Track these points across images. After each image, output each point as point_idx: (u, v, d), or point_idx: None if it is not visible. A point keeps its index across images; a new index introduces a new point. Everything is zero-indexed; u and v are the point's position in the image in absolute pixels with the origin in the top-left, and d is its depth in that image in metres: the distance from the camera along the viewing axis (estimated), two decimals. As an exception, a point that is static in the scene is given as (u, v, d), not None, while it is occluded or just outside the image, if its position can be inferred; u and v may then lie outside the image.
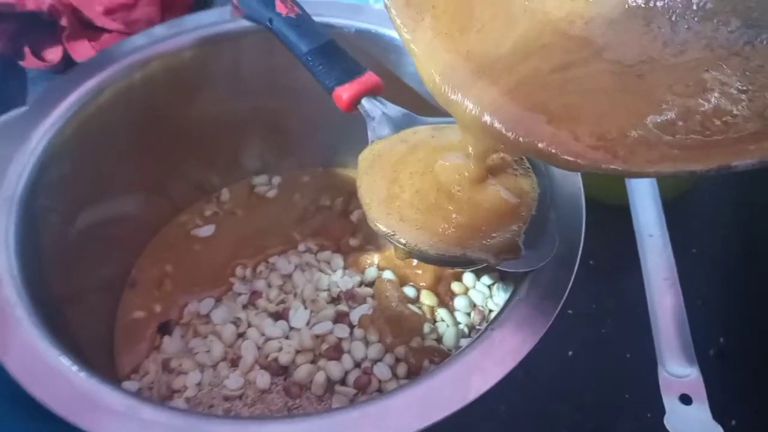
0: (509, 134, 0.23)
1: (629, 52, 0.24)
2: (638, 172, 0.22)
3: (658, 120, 0.22)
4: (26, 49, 0.58)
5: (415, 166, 0.33)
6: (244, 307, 0.41)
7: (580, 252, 0.31)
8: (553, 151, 0.22)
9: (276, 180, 0.50)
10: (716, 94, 0.22)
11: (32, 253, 0.32)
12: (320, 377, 0.36)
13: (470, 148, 0.29)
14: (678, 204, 0.40)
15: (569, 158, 0.22)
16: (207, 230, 0.46)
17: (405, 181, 0.33)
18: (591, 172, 0.22)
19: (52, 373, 0.26)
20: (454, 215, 0.31)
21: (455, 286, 0.41)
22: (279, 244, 0.45)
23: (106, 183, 0.40)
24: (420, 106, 0.40)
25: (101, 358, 0.38)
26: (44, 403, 0.25)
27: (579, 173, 0.34)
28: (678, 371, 0.33)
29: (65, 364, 0.26)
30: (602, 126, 0.22)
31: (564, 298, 0.29)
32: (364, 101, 0.35)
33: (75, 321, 0.34)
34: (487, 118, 0.24)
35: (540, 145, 0.23)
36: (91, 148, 0.37)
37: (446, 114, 0.39)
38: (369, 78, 0.36)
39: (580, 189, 0.33)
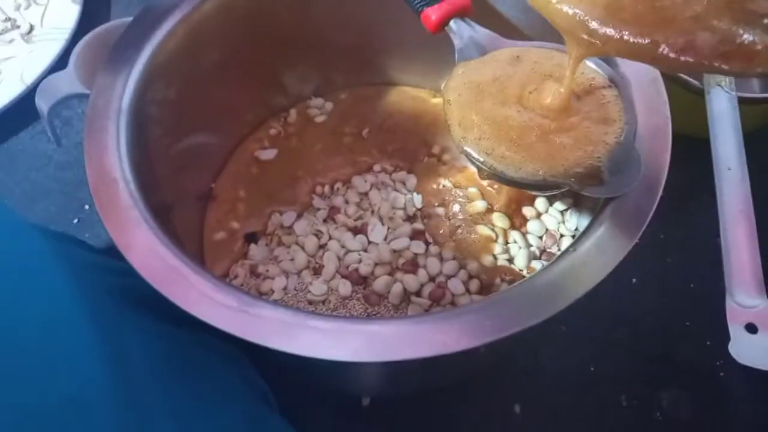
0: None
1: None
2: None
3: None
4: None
5: (503, 89, 0.33)
6: (324, 221, 0.44)
7: (663, 182, 0.31)
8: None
9: (340, 99, 0.50)
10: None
11: (142, 161, 0.34)
12: (397, 288, 0.39)
13: (570, 56, 0.29)
14: (754, 139, 0.40)
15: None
16: (270, 153, 0.48)
17: (491, 103, 0.33)
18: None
19: (170, 269, 0.29)
20: (539, 140, 0.32)
21: (528, 211, 0.42)
22: (347, 165, 0.47)
23: (198, 98, 0.41)
24: (506, 29, 0.40)
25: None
26: (166, 296, 0.28)
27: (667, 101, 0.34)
28: (746, 301, 0.34)
29: (181, 262, 0.29)
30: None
31: (645, 225, 0.30)
32: (452, 23, 0.36)
33: (175, 228, 0.37)
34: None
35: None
36: (189, 62, 0.38)
37: (533, 37, 0.39)
38: (458, -1, 0.36)
39: (668, 119, 0.33)
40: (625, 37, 0.25)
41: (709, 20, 0.24)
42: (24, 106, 0.53)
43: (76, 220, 0.50)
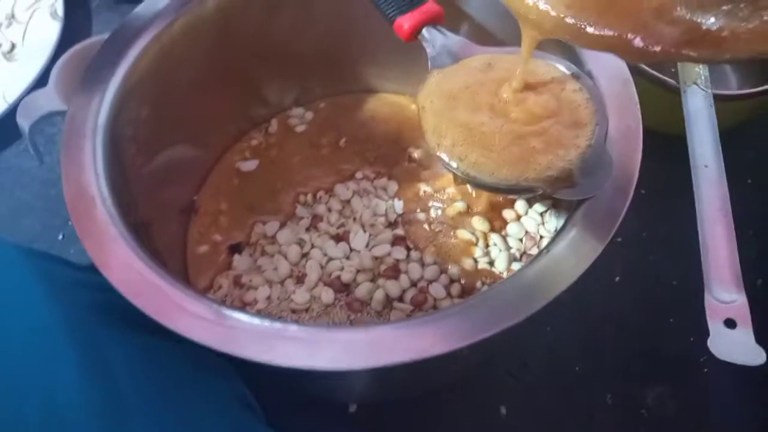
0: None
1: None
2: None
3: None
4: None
5: (474, 96, 0.34)
6: (307, 229, 0.44)
7: (635, 182, 0.32)
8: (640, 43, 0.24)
9: (320, 108, 0.51)
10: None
11: (118, 179, 0.34)
12: (379, 294, 0.39)
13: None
14: (735, 134, 0.40)
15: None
16: (251, 164, 0.48)
17: (463, 111, 0.34)
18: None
19: (147, 284, 0.29)
20: (511, 145, 0.32)
21: (508, 213, 0.43)
22: (329, 174, 0.47)
23: (175, 114, 0.41)
24: (480, 35, 0.41)
25: (179, 276, 0.41)
26: (144, 310, 0.28)
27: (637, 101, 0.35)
28: (724, 297, 0.34)
29: (158, 276, 0.29)
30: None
31: (617, 226, 0.30)
32: (425, 31, 0.36)
33: (156, 243, 0.37)
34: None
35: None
36: (163, 80, 0.39)
37: (505, 43, 0.39)
38: (430, 7, 0.36)
39: (639, 120, 0.33)
40: (592, 30, 0.26)
41: (673, 9, 0.24)
42: (7, 124, 0.53)
43: (61, 236, 0.50)
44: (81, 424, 0.25)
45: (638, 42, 0.24)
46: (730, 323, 0.33)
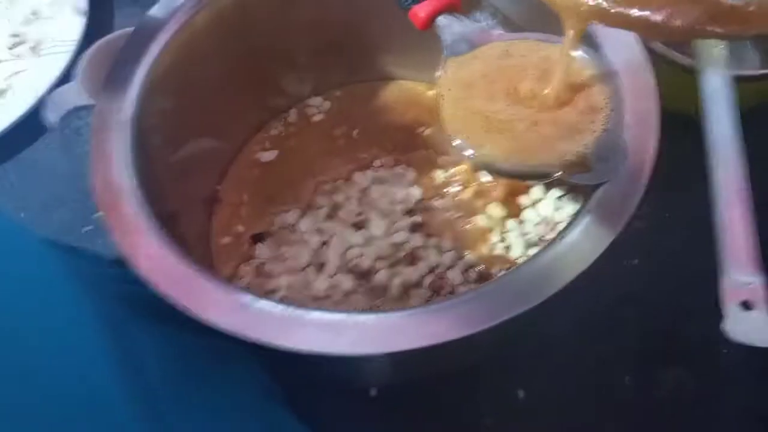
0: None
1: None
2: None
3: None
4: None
5: (492, 84, 0.34)
6: (327, 218, 0.45)
7: (650, 167, 0.32)
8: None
9: (337, 97, 0.51)
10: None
11: (144, 171, 0.35)
12: (398, 281, 0.40)
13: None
14: (756, 114, 0.40)
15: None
16: (271, 155, 0.49)
17: (481, 98, 0.34)
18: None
19: (175, 274, 0.30)
20: (527, 132, 0.32)
21: (524, 199, 0.43)
22: (348, 162, 0.48)
23: (198, 106, 0.42)
24: (497, 21, 0.41)
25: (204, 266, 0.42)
26: (171, 300, 0.29)
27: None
28: (741, 279, 0.34)
29: (185, 266, 0.30)
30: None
31: (632, 211, 0.31)
32: (441, 18, 0.36)
33: (182, 234, 0.38)
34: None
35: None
36: (185, 72, 0.40)
37: (522, 29, 0.39)
38: (446, -6, 0.36)
39: (655, 104, 0.33)
40: (619, 8, 0.25)
41: None
42: (36, 118, 0.54)
43: (88, 229, 0.52)
44: (115, 416, 0.26)
45: (661, 18, 0.24)
46: (747, 305, 0.33)
